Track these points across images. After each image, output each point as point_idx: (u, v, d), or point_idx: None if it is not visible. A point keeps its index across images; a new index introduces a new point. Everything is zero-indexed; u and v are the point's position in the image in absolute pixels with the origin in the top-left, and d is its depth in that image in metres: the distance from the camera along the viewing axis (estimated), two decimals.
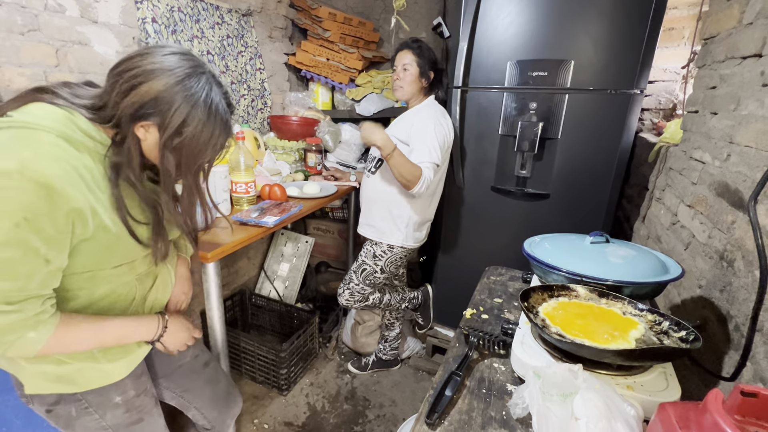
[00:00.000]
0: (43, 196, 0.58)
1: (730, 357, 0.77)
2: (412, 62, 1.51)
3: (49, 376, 0.74)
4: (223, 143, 0.74)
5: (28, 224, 0.58)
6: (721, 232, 0.88)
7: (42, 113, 0.63)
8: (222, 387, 1.14)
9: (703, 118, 1.09)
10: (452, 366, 0.72)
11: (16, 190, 0.56)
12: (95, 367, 0.77)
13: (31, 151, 0.59)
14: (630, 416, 0.50)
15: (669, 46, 1.73)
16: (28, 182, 0.57)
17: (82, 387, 0.77)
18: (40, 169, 0.58)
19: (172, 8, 1.61)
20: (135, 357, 0.85)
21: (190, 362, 1.05)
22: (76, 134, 0.65)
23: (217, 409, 1.13)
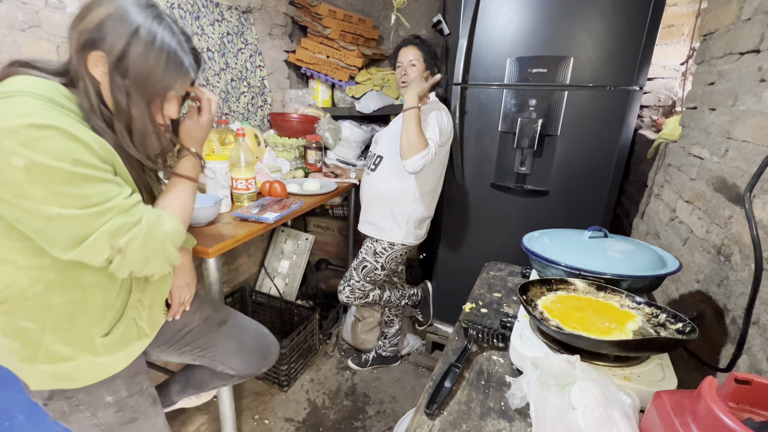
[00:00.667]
0: (69, 138, 0.61)
1: (727, 350, 0.78)
2: (418, 58, 1.51)
3: (46, 374, 0.74)
4: (173, 78, 0.72)
5: (80, 163, 0.61)
6: (718, 227, 0.89)
7: (25, 83, 0.64)
8: (249, 339, 1.10)
9: (702, 114, 1.09)
10: (451, 358, 0.73)
11: (44, 138, 0.58)
12: (94, 361, 0.77)
13: (28, 108, 0.60)
14: (626, 405, 0.50)
15: (668, 42, 1.74)
16: (46, 129, 0.58)
17: (81, 382, 0.77)
18: (48, 117, 0.59)
19: (172, 5, 1.61)
20: (133, 349, 0.84)
21: (199, 325, 1.02)
22: (62, 99, 0.65)
23: (244, 362, 1.09)
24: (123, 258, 0.68)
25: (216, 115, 0.91)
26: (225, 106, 1.92)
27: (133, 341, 0.83)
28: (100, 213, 0.64)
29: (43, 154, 0.58)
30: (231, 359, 1.06)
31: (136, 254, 0.69)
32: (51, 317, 0.71)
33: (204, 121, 0.89)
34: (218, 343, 1.04)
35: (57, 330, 0.72)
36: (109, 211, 0.65)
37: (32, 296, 0.69)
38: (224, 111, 1.92)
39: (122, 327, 0.79)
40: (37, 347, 0.71)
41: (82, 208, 0.62)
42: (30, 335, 0.71)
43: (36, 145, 0.58)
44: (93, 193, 0.63)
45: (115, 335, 0.78)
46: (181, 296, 0.96)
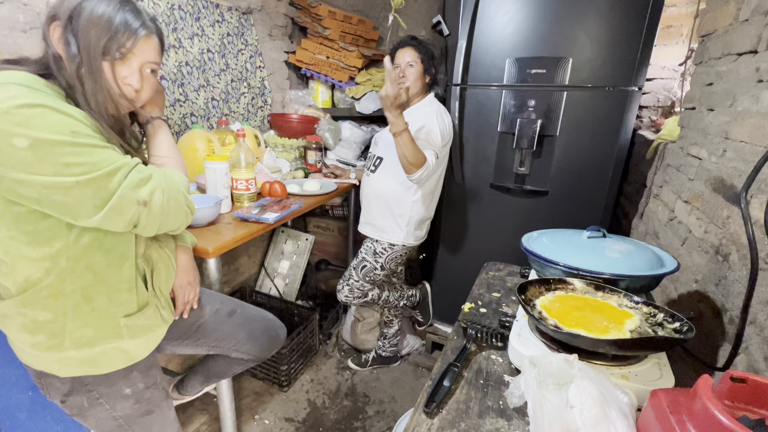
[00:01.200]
0: (60, 113, 0.62)
1: (724, 349, 0.78)
2: (416, 59, 1.51)
3: (73, 360, 0.77)
4: (120, 35, 0.71)
5: (79, 133, 0.64)
6: (716, 227, 0.89)
7: (4, 75, 0.64)
8: (258, 325, 1.15)
9: (700, 114, 1.10)
10: (450, 358, 0.73)
11: (38, 115, 0.60)
12: (117, 347, 0.80)
13: (14, 92, 0.60)
14: (624, 403, 0.51)
15: (667, 43, 1.74)
16: (37, 107, 0.60)
17: (106, 368, 0.80)
18: (35, 98, 0.61)
19: (173, 6, 1.62)
20: (154, 336, 0.87)
21: (209, 317, 1.06)
22: (42, 87, 0.66)
23: (256, 346, 1.15)
24: (149, 212, 0.71)
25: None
26: (225, 107, 1.93)
27: (155, 328, 0.87)
28: (112, 172, 0.66)
29: (42, 130, 0.59)
30: (244, 346, 1.12)
31: (160, 205, 0.72)
32: (69, 303, 0.73)
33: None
34: (231, 333, 1.10)
35: (77, 315, 0.75)
36: (120, 169, 0.67)
37: (47, 286, 0.71)
38: (224, 112, 1.92)
39: (148, 313, 0.84)
40: (62, 334, 0.74)
41: (94, 172, 0.64)
42: (51, 325, 0.74)
43: (32, 122, 0.59)
44: (99, 158, 0.65)
45: (140, 319, 0.82)
46: (185, 295, 0.97)
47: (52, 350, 0.75)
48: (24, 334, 0.75)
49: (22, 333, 0.75)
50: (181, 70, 1.67)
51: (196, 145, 1.54)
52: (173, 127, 1.66)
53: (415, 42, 1.53)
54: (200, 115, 1.78)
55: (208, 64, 1.80)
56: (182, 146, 1.55)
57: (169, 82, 1.62)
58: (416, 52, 1.51)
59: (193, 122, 1.75)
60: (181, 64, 1.67)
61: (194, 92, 1.74)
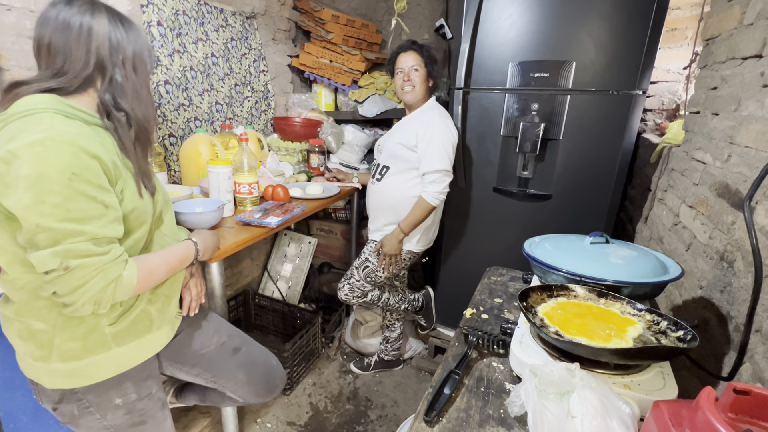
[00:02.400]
0: (77, 154, 0.66)
1: (730, 357, 0.77)
2: (420, 63, 1.51)
3: (61, 372, 0.77)
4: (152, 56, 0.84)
5: (78, 178, 0.66)
6: (721, 233, 0.88)
7: (32, 102, 0.68)
8: (258, 371, 1.13)
9: (705, 118, 1.09)
10: (451, 365, 0.73)
11: (54, 153, 0.64)
12: (106, 356, 0.79)
13: (46, 125, 0.66)
14: (625, 414, 0.50)
15: (672, 46, 1.73)
16: (60, 144, 0.65)
17: (95, 378, 0.80)
18: (63, 133, 0.66)
19: (177, 11, 1.63)
20: (146, 343, 0.86)
21: (215, 349, 1.05)
22: (67, 109, 0.71)
23: (256, 394, 1.13)
24: (63, 276, 0.67)
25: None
26: (229, 111, 1.94)
27: (144, 333, 0.85)
28: (72, 233, 0.66)
29: (48, 166, 0.63)
30: (240, 390, 1.10)
31: (77, 279, 0.68)
32: (61, 316, 0.74)
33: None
34: (231, 373, 1.08)
35: (66, 327, 0.75)
36: (80, 234, 0.67)
37: (43, 297, 0.72)
38: (228, 115, 1.94)
39: (132, 317, 0.82)
40: (50, 346, 0.75)
41: (59, 221, 0.65)
42: (42, 336, 0.75)
43: (46, 157, 0.63)
44: (76, 209, 0.66)
45: (123, 324, 0.81)
46: (190, 289, 0.98)
47: (39, 361, 0.76)
48: (18, 341, 0.76)
49: (17, 339, 0.76)
50: (185, 75, 1.68)
51: (199, 149, 1.55)
52: (177, 132, 1.67)
53: (416, 46, 1.54)
54: (204, 119, 1.80)
55: (212, 69, 1.82)
56: (186, 150, 1.56)
57: (174, 86, 1.64)
58: (419, 56, 1.52)
59: (197, 126, 1.76)
60: (185, 69, 1.68)
61: (198, 96, 1.76)
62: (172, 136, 1.65)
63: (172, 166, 1.65)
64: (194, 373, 1.04)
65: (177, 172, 1.66)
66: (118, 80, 0.76)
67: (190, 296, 0.98)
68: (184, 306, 0.98)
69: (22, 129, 0.65)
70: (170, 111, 1.63)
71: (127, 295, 0.75)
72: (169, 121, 1.63)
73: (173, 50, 1.63)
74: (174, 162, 1.66)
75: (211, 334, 1.06)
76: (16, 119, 0.66)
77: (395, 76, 1.57)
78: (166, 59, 1.60)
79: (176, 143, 1.67)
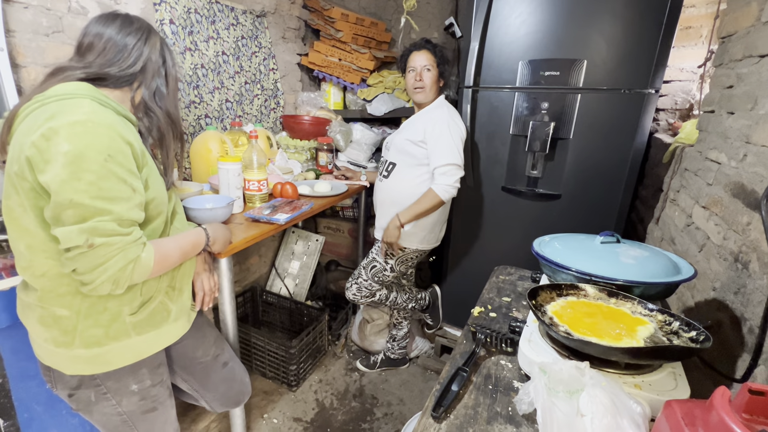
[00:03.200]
0: (114, 138, 0.71)
1: (743, 360, 0.76)
2: (432, 63, 1.51)
3: (82, 358, 0.80)
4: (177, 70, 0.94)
5: (113, 159, 0.70)
6: (736, 234, 0.86)
7: (71, 87, 0.73)
8: (236, 387, 1.19)
9: (720, 118, 1.07)
10: (459, 362, 0.73)
11: (94, 134, 0.69)
12: (126, 344, 0.82)
13: (87, 108, 0.70)
14: (636, 413, 0.50)
15: (686, 45, 1.70)
16: (99, 127, 0.69)
17: (115, 365, 0.82)
18: (103, 117, 0.71)
19: (189, 10, 1.65)
20: (164, 333, 0.89)
21: (211, 361, 1.10)
22: (102, 98, 0.76)
23: (225, 406, 1.20)
24: (87, 253, 0.69)
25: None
26: (239, 109, 1.96)
27: (163, 324, 0.88)
28: (100, 211, 0.69)
29: (85, 144, 0.67)
30: (214, 401, 1.16)
31: (100, 257, 0.70)
32: (86, 303, 0.77)
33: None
34: (215, 386, 1.13)
35: (90, 314, 0.78)
36: (108, 213, 0.70)
37: (66, 283, 0.75)
38: (238, 113, 1.95)
39: (151, 308, 0.85)
40: (73, 332, 0.77)
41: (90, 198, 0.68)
42: (65, 322, 0.77)
43: (85, 136, 0.67)
44: (107, 189, 0.70)
45: (143, 314, 0.84)
46: (202, 283, 0.99)
47: (62, 346, 0.78)
48: (40, 327, 0.78)
49: (38, 326, 0.78)
50: (196, 73, 1.70)
51: (209, 146, 1.56)
52: (188, 129, 1.69)
53: (430, 46, 1.53)
54: (214, 116, 1.81)
55: (222, 67, 1.83)
56: (196, 147, 1.58)
57: (185, 84, 1.66)
58: (432, 56, 1.51)
59: (208, 123, 1.78)
60: (196, 67, 1.70)
61: (209, 94, 1.77)
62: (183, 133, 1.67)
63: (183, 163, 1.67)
64: (185, 378, 1.07)
65: (187, 168, 1.68)
66: (159, 84, 0.86)
67: (203, 291, 1.00)
68: (198, 300, 0.99)
69: (62, 110, 0.68)
70: (181, 108, 1.65)
71: (143, 277, 0.77)
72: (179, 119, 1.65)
73: (185, 48, 1.64)
74: (185, 159, 1.67)
75: (211, 344, 1.10)
76: (53, 101, 0.70)
77: (406, 74, 1.57)
78: (178, 57, 1.62)
79: (187, 140, 1.69)
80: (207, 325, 1.11)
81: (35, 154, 0.66)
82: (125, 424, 0.89)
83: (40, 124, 0.67)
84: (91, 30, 0.80)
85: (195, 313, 1.01)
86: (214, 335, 1.12)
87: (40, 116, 0.68)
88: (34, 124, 0.68)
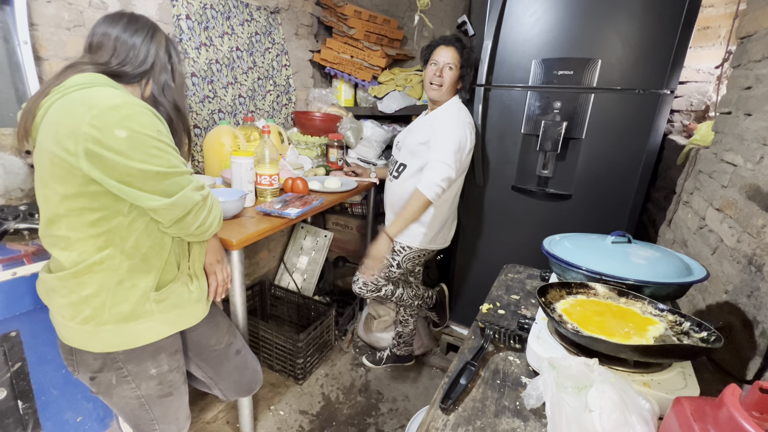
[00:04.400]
0: (153, 116, 0.77)
1: (754, 362, 0.75)
2: (456, 63, 1.48)
3: (110, 335, 0.83)
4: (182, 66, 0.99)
5: (162, 134, 0.77)
6: (750, 236, 0.85)
7: (90, 77, 0.76)
8: (248, 375, 1.21)
9: (737, 119, 1.05)
10: (467, 356, 0.73)
11: (138, 114, 0.74)
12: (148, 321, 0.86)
13: (113, 92, 0.74)
14: (645, 410, 0.50)
15: (703, 45, 1.68)
16: (138, 107, 0.74)
17: (141, 341, 0.86)
18: (133, 98, 0.76)
19: (205, 5, 1.67)
20: (185, 314, 0.93)
21: (224, 349, 1.12)
22: (120, 88, 0.79)
23: (238, 393, 1.22)
24: (203, 205, 0.84)
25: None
26: (251, 104, 1.98)
27: (185, 305, 0.92)
28: (183, 173, 0.80)
29: (139, 126, 0.73)
30: (228, 389, 1.19)
31: (210, 205, 0.87)
32: (115, 280, 0.80)
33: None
34: (228, 373, 1.16)
35: (119, 291, 0.81)
36: (186, 173, 0.81)
37: (99, 261, 0.79)
38: (251, 108, 1.97)
39: (175, 288, 0.89)
40: (102, 309, 0.81)
41: (172, 168, 0.77)
42: (94, 299, 0.80)
43: (134, 118, 0.72)
44: (173, 158, 0.79)
45: (167, 293, 0.88)
46: (216, 273, 1.02)
47: (90, 323, 0.81)
48: (67, 308, 0.81)
49: (65, 306, 0.81)
50: (211, 68, 1.73)
51: (222, 140, 1.58)
52: (201, 123, 1.72)
53: (459, 44, 1.48)
54: (227, 111, 1.84)
55: (236, 62, 1.85)
56: (209, 141, 1.60)
57: (200, 78, 1.68)
58: (458, 55, 1.48)
59: (221, 118, 1.80)
60: (211, 62, 1.72)
61: (223, 89, 1.80)
62: (197, 127, 1.70)
63: (196, 157, 1.70)
64: (199, 365, 1.10)
65: (200, 162, 1.71)
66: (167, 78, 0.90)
67: (216, 281, 1.02)
68: (211, 290, 1.01)
69: (91, 96, 0.72)
70: (196, 103, 1.68)
71: (220, 225, 0.93)
72: (194, 113, 1.68)
73: (200, 43, 1.67)
74: (198, 153, 1.70)
75: (224, 332, 1.12)
76: (74, 90, 0.73)
77: (427, 65, 1.53)
78: (193, 52, 1.64)
79: (200, 134, 1.72)
80: (220, 315, 1.13)
81: (93, 147, 0.70)
82: (142, 408, 0.92)
83: (79, 114, 0.69)
84: (98, 30, 0.83)
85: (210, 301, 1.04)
86: (227, 324, 1.15)
87: (73, 106, 0.71)
88: (69, 114, 0.70)
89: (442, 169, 1.38)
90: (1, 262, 0.95)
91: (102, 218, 0.76)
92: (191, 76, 1.64)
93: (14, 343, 0.99)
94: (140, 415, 0.94)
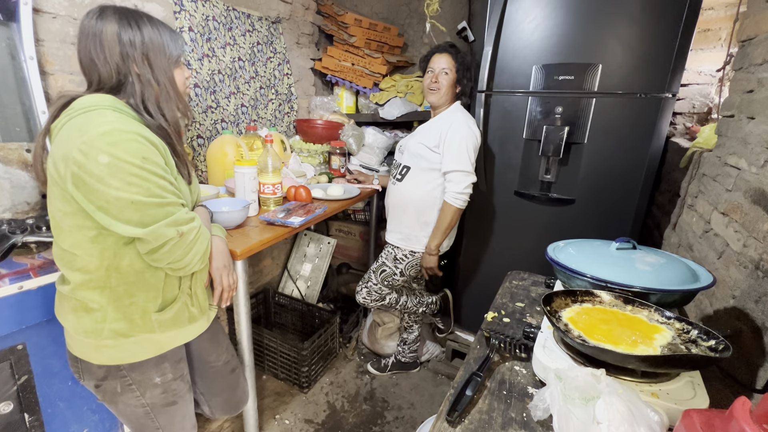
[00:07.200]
0: (143, 142, 0.75)
1: (765, 369, 0.74)
2: (451, 67, 1.52)
3: (108, 350, 0.84)
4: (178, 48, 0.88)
5: (148, 161, 0.75)
6: (756, 241, 0.85)
7: (95, 99, 0.77)
8: (238, 394, 1.22)
9: (740, 122, 1.05)
10: (473, 367, 0.73)
11: (124, 140, 0.73)
12: (149, 338, 0.87)
13: (111, 117, 0.74)
14: (654, 422, 0.49)
15: (704, 48, 1.68)
16: (127, 134, 0.73)
17: (139, 357, 0.87)
18: (127, 124, 0.75)
19: (207, 17, 1.69)
20: (185, 332, 0.94)
21: (221, 366, 1.13)
22: (119, 105, 0.79)
23: (225, 412, 1.23)
24: (179, 242, 0.80)
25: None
26: (254, 113, 1.99)
27: (185, 324, 0.93)
28: (160, 204, 0.77)
29: (122, 152, 0.72)
30: (217, 408, 1.19)
31: (189, 243, 0.82)
32: (112, 296, 0.82)
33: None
34: (220, 391, 1.16)
35: (118, 308, 0.83)
36: (169, 204, 0.79)
37: (95, 279, 0.80)
38: (253, 118, 1.99)
39: (176, 308, 0.90)
40: (102, 323, 0.82)
41: (146, 197, 0.75)
42: (96, 313, 0.82)
43: (119, 144, 0.72)
44: (151, 186, 0.76)
45: (168, 314, 0.88)
46: (222, 278, 1.01)
47: (91, 336, 0.82)
48: (72, 317, 0.83)
49: (70, 315, 0.83)
50: (213, 78, 1.74)
51: (225, 150, 1.59)
52: (204, 133, 1.73)
53: (453, 50, 1.54)
54: (230, 121, 1.85)
55: (238, 72, 1.87)
56: (212, 151, 1.61)
57: (203, 89, 1.69)
58: (453, 61, 1.52)
59: (224, 128, 1.82)
60: (213, 73, 1.74)
61: (225, 99, 1.81)
62: (200, 137, 1.71)
63: (200, 167, 1.71)
64: (194, 381, 1.10)
65: (204, 172, 1.72)
66: (136, 82, 0.81)
67: (222, 287, 1.02)
68: (216, 296, 1.01)
69: (88, 121, 0.73)
70: (198, 113, 1.69)
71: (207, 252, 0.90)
72: (197, 123, 1.69)
73: (203, 54, 1.68)
74: (201, 162, 1.71)
75: (223, 350, 1.13)
76: (79, 114, 0.75)
77: (425, 74, 1.59)
78: (196, 63, 1.66)
79: (204, 144, 1.73)
80: (221, 332, 1.15)
81: (77, 171, 0.71)
82: (147, 416, 0.92)
83: (73, 139, 0.71)
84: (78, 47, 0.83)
85: (214, 311, 1.05)
86: (226, 342, 1.16)
87: (71, 130, 0.73)
88: (67, 138, 0.73)
89: (462, 178, 1.47)
90: (8, 276, 0.96)
91: (98, 235, 0.78)
92: (194, 87, 1.66)
93: (21, 356, 1.00)
94: (146, 424, 0.94)
